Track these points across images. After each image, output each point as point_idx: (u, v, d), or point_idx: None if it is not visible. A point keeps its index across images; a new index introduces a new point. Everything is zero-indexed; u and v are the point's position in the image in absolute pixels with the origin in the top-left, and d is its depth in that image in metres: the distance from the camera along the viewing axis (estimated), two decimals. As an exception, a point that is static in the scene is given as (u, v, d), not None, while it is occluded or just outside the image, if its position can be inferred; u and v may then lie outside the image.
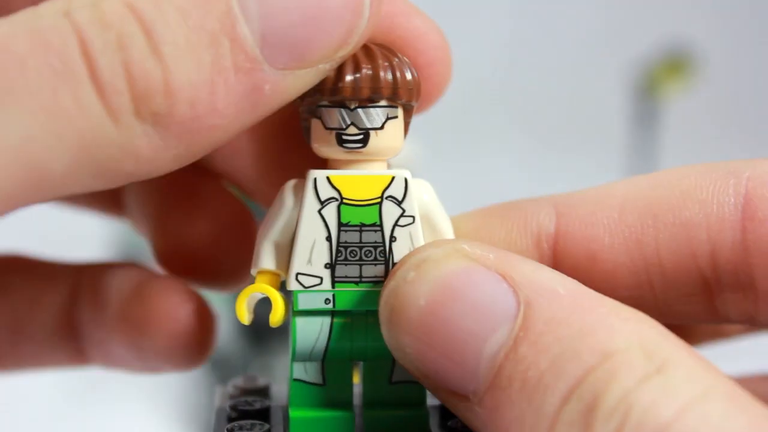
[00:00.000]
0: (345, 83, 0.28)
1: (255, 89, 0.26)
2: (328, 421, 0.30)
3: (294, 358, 0.30)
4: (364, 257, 0.29)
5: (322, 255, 0.29)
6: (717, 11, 1.21)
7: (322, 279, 0.29)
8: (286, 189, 0.30)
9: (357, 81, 0.28)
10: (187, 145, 0.26)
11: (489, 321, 0.26)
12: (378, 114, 0.29)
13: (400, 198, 0.29)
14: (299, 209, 0.29)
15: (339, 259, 0.29)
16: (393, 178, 0.29)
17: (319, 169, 0.29)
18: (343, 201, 0.29)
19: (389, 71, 0.28)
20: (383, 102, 0.29)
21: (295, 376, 0.30)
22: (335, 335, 0.29)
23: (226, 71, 0.26)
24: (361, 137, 0.29)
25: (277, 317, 0.29)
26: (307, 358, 0.30)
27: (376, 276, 0.29)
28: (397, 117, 0.29)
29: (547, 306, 0.25)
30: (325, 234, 0.29)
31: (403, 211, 0.29)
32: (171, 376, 0.82)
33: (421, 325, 0.26)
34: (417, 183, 0.30)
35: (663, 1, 1.21)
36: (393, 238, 0.29)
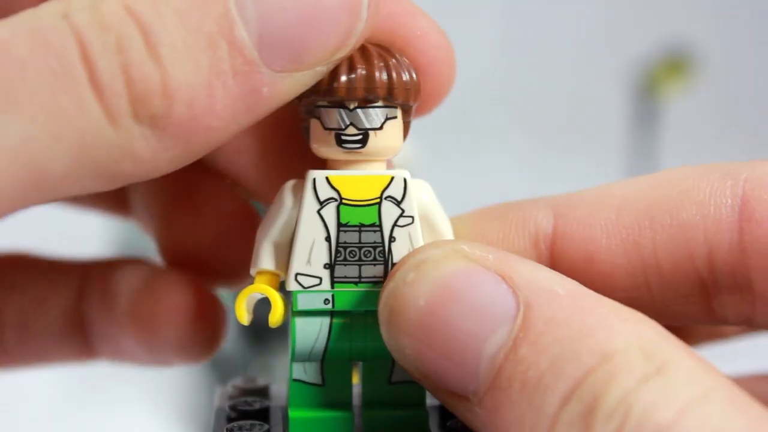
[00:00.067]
0: (340, 84, 0.28)
1: (253, 91, 0.26)
2: (328, 422, 0.30)
3: (293, 358, 0.30)
4: (363, 257, 0.29)
5: (321, 255, 0.29)
6: (717, 11, 1.21)
7: (321, 279, 0.29)
8: (286, 189, 0.30)
9: (352, 81, 0.28)
10: (185, 146, 0.26)
11: (488, 322, 0.26)
12: (377, 114, 0.29)
13: (399, 198, 0.29)
14: (298, 209, 0.29)
15: (338, 259, 0.29)
16: (392, 179, 0.29)
17: (318, 169, 0.29)
18: (343, 201, 0.29)
19: (384, 72, 0.28)
20: (380, 102, 0.29)
21: (295, 376, 0.30)
22: (334, 335, 0.29)
23: (223, 74, 0.26)
24: (360, 137, 0.29)
25: (277, 317, 0.29)
26: (307, 358, 0.30)
27: (375, 276, 0.29)
28: (396, 117, 0.29)
29: (547, 306, 0.25)
30: (324, 234, 0.29)
31: (403, 211, 0.29)
32: (171, 376, 0.82)
33: (421, 325, 0.26)
34: (416, 183, 0.30)
35: (663, 1, 1.21)
36: (392, 239, 0.29)
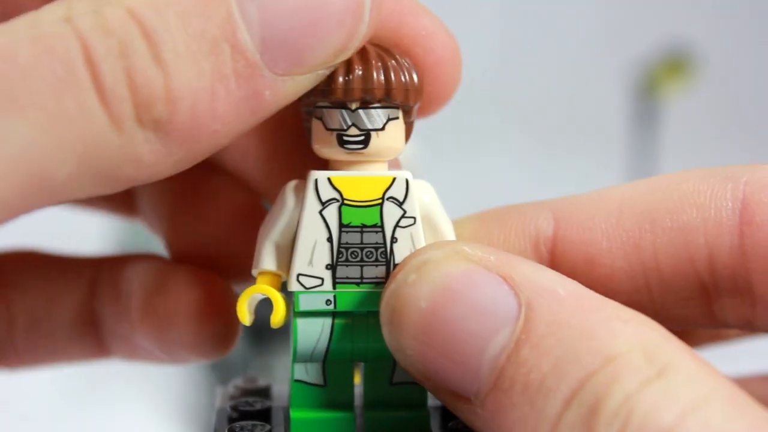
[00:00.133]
0: (337, 84, 0.28)
1: (255, 95, 0.26)
2: (329, 422, 0.30)
3: (295, 359, 0.30)
4: (365, 258, 0.29)
5: (323, 256, 0.29)
6: (717, 11, 1.21)
7: (323, 280, 0.29)
8: (287, 190, 0.30)
9: (349, 82, 0.28)
10: (188, 150, 0.26)
11: (490, 323, 0.26)
12: (379, 115, 0.29)
13: (401, 199, 0.29)
14: (300, 210, 0.29)
15: (340, 260, 0.29)
16: (394, 179, 0.29)
17: (320, 169, 0.29)
18: (344, 202, 0.29)
19: (382, 72, 0.28)
20: (378, 103, 0.29)
21: (296, 377, 0.30)
22: (336, 336, 0.29)
23: (226, 77, 0.26)
24: (362, 138, 0.29)
25: (278, 318, 0.29)
26: (308, 359, 0.30)
27: (377, 277, 0.29)
28: (398, 118, 0.29)
29: (548, 308, 0.25)
30: (326, 235, 0.29)
31: (404, 212, 0.29)
32: (172, 376, 0.82)
33: (422, 327, 0.26)
34: (418, 184, 0.30)
35: (663, 1, 1.21)
36: (394, 239, 0.29)
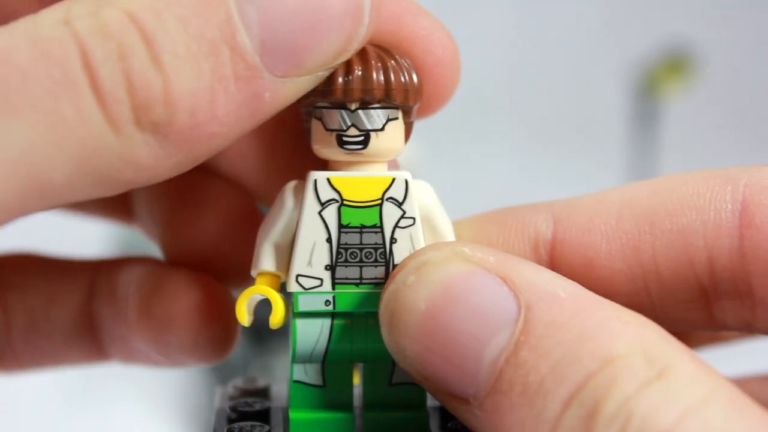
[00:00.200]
0: (337, 85, 0.28)
1: (255, 97, 0.26)
2: (328, 423, 0.30)
3: (294, 359, 0.30)
4: (364, 259, 0.29)
5: (322, 256, 0.29)
6: (717, 11, 1.21)
7: (322, 281, 0.29)
8: (287, 190, 0.30)
9: (348, 83, 0.28)
10: (187, 153, 0.26)
11: (489, 325, 0.26)
12: (378, 115, 0.29)
13: (400, 199, 0.29)
14: (299, 211, 0.29)
15: (339, 260, 0.29)
16: (393, 180, 0.29)
17: (319, 170, 0.29)
18: (344, 202, 0.29)
19: (382, 73, 0.28)
20: (378, 104, 0.29)
21: (295, 377, 0.30)
22: (335, 337, 0.29)
23: (226, 79, 0.26)
24: (361, 139, 0.29)
25: (277, 319, 0.29)
26: (307, 359, 0.30)
27: (376, 278, 0.29)
28: (397, 118, 0.29)
29: (548, 309, 0.25)
30: (325, 235, 0.29)
31: (404, 212, 0.29)
32: (171, 376, 0.82)
33: (422, 328, 0.26)
34: (417, 184, 0.29)
35: (663, 1, 1.21)
36: (393, 240, 0.29)
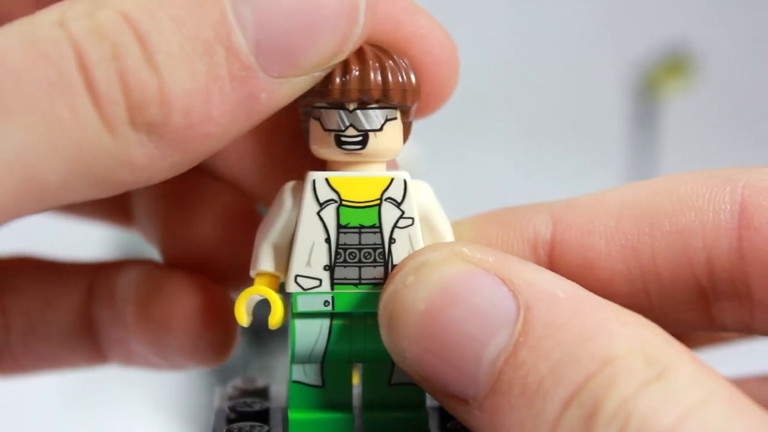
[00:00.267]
0: (334, 85, 0.28)
1: (250, 97, 0.26)
2: (328, 423, 0.30)
3: (293, 360, 0.29)
4: (363, 259, 0.29)
5: (321, 257, 0.29)
6: (717, 11, 1.21)
7: (321, 281, 0.29)
8: (285, 190, 0.29)
9: (345, 83, 0.28)
10: (183, 153, 0.26)
11: (489, 325, 0.26)
12: (377, 116, 0.29)
13: (399, 199, 0.29)
14: (298, 211, 0.29)
15: (338, 261, 0.29)
16: (392, 180, 0.29)
17: (318, 170, 0.29)
18: (342, 203, 0.29)
19: (379, 73, 0.28)
20: (376, 104, 0.28)
21: (294, 377, 0.30)
22: (334, 337, 0.29)
23: (221, 80, 0.26)
24: (360, 139, 0.29)
25: (276, 319, 0.29)
26: (307, 360, 0.29)
27: (375, 278, 0.29)
28: (396, 118, 0.29)
29: (547, 310, 0.25)
30: (324, 236, 0.29)
31: (403, 212, 0.29)
32: (171, 376, 0.82)
33: (421, 329, 0.26)
34: (416, 184, 0.29)
35: (663, 1, 1.21)
36: (392, 240, 0.29)
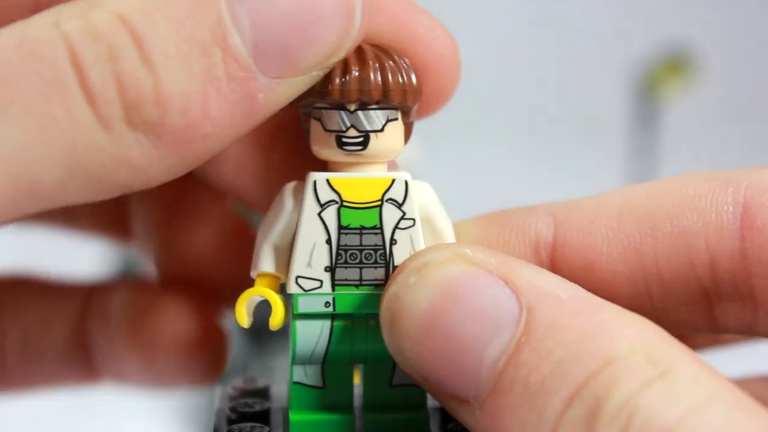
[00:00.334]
0: (334, 86, 0.28)
1: (248, 98, 0.26)
2: (328, 424, 0.30)
3: (294, 361, 0.29)
4: (364, 260, 0.29)
5: (322, 258, 0.29)
6: (717, 11, 1.21)
7: (322, 282, 0.29)
8: (286, 191, 0.29)
9: (345, 84, 0.28)
10: (182, 154, 0.26)
11: (491, 326, 0.26)
12: (378, 116, 0.29)
13: (400, 201, 0.29)
14: (299, 212, 0.29)
15: (339, 262, 0.29)
16: (393, 181, 0.29)
17: (318, 171, 0.29)
18: (343, 204, 0.29)
19: (379, 74, 0.28)
20: (376, 104, 0.28)
21: (295, 379, 0.30)
22: (335, 338, 0.29)
23: (218, 80, 0.26)
24: (361, 140, 0.29)
25: (277, 320, 0.29)
26: (307, 361, 0.29)
27: (376, 279, 0.29)
28: (397, 119, 0.29)
29: (549, 311, 0.25)
30: (324, 237, 0.29)
31: (404, 213, 0.29)
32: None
33: (423, 329, 0.26)
34: (417, 185, 0.29)
35: (663, 1, 1.21)
36: (393, 241, 0.29)
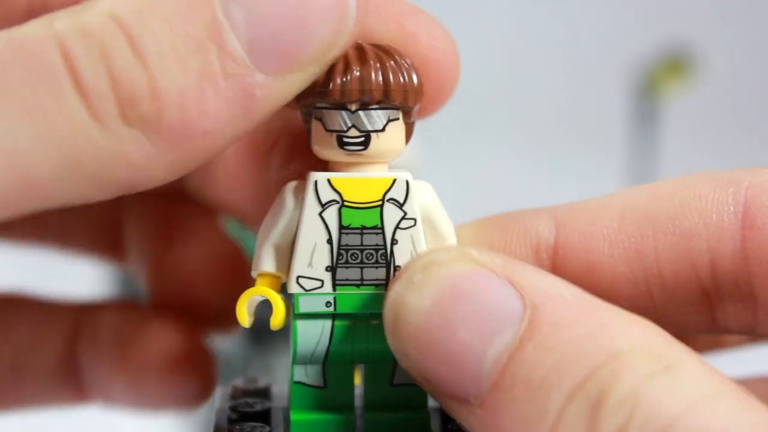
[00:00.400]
0: (335, 86, 0.28)
1: (245, 95, 0.26)
2: (329, 424, 0.30)
3: (295, 361, 0.29)
4: (365, 260, 0.29)
5: (323, 258, 0.29)
6: (717, 11, 1.21)
7: (323, 282, 0.29)
8: (287, 191, 0.29)
9: (346, 83, 0.28)
10: (180, 151, 0.26)
11: (494, 323, 0.26)
12: (379, 116, 0.29)
13: (401, 200, 0.29)
14: (300, 212, 0.29)
15: (340, 262, 0.29)
16: (394, 181, 0.29)
17: (320, 171, 0.29)
18: (344, 203, 0.29)
19: (380, 73, 0.28)
20: (377, 104, 0.28)
21: (296, 378, 0.30)
22: (336, 338, 0.29)
23: (214, 77, 0.26)
24: (362, 140, 0.29)
25: (278, 320, 0.29)
26: (308, 361, 0.29)
27: (377, 279, 0.29)
28: (398, 119, 0.29)
29: (554, 309, 0.25)
30: (326, 237, 0.29)
31: (405, 213, 0.29)
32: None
33: (426, 326, 0.26)
34: (418, 185, 0.29)
35: (663, 1, 1.21)
36: (394, 241, 0.29)
